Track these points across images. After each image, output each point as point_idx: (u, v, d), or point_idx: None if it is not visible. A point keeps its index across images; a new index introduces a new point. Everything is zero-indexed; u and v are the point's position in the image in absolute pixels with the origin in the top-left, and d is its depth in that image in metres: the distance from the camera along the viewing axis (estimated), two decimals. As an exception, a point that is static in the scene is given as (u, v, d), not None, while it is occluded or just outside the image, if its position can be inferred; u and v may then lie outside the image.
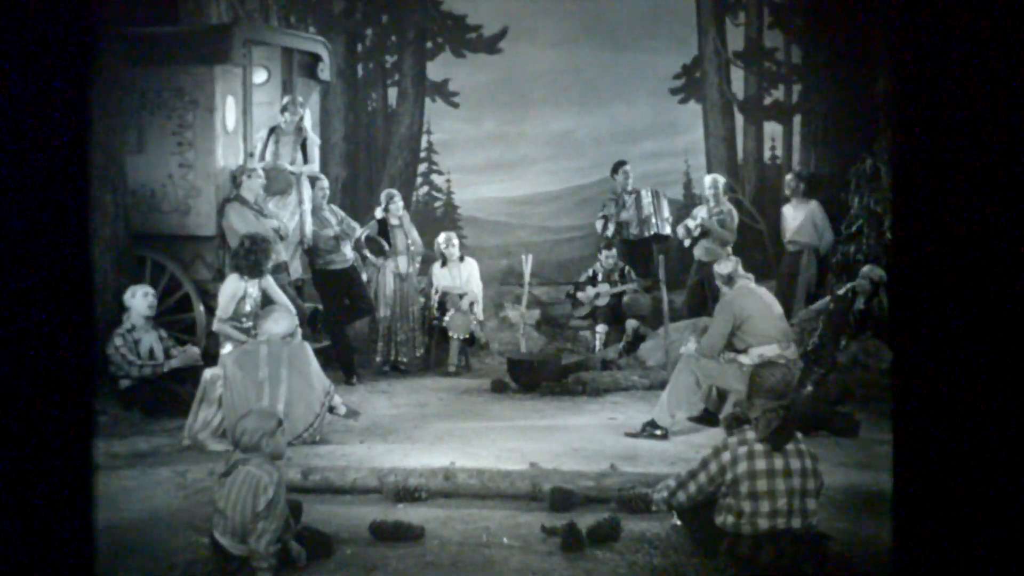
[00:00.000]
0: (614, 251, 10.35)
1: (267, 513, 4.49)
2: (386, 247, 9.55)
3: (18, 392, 2.40)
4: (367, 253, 9.60)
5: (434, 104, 13.04)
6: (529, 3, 12.60)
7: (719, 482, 4.64)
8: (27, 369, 2.41)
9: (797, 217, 10.42)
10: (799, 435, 4.76)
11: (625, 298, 10.24)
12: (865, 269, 8.92)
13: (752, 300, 7.15)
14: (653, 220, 10.49)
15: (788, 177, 10.77)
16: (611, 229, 10.60)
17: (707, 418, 7.31)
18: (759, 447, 4.60)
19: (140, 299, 7.77)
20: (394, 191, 9.98)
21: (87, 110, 2.45)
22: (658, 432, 7.13)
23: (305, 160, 9.31)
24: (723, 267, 7.29)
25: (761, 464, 4.57)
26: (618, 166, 10.80)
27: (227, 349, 7.36)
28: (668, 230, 10.55)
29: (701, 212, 10.40)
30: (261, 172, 8.72)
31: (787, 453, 4.61)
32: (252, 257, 7.54)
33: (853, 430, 7.13)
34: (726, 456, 4.63)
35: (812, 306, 9.48)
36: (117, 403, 7.63)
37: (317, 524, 5.13)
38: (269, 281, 7.74)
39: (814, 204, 10.40)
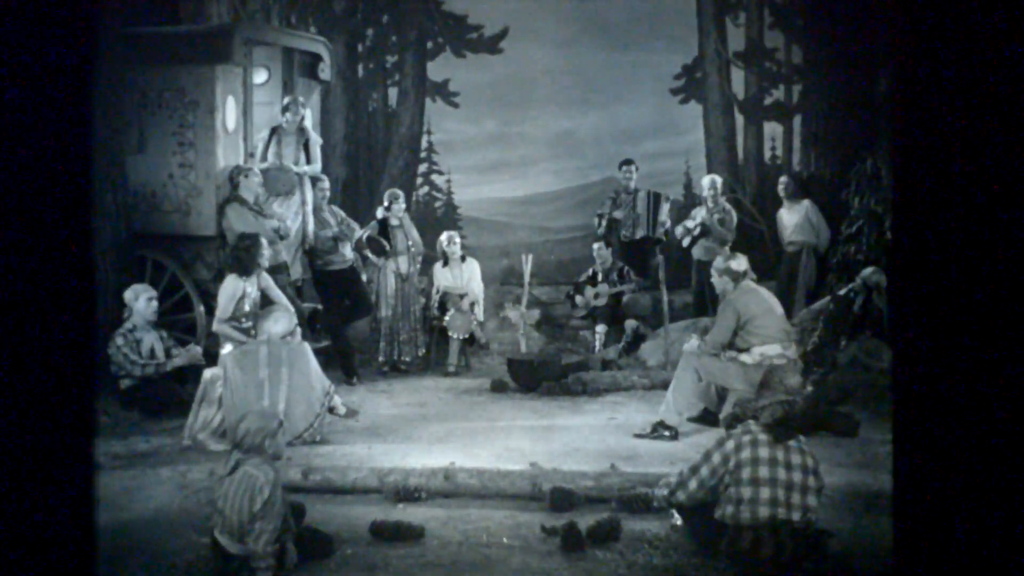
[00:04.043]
0: (603, 244, 10.35)
1: (264, 514, 4.49)
2: (387, 247, 9.55)
3: (19, 392, 2.41)
4: (368, 253, 9.60)
5: (435, 104, 13.04)
6: (530, 3, 12.60)
7: (721, 472, 4.68)
8: (28, 369, 2.41)
9: (793, 217, 10.48)
10: (801, 438, 4.80)
11: (625, 298, 10.24)
12: (866, 272, 8.91)
13: (755, 299, 7.16)
14: (645, 222, 10.48)
15: (782, 179, 10.79)
16: (603, 227, 10.60)
17: (707, 418, 7.31)
18: (762, 436, 4.70)
19: (143, 303, 7.77)
20: (398, 191, 9.97)
21: (88, 110, 2.45)
22: (667, 433, 7.13)
23: (308, 160, 9.31)
24: (738, 263, 7.26)
25: (764, 452, 4.64)
26: (622, 164, 10.79)
27: (227, 349, 7.36)
28: (660, 233, 10.52)
29: (700, 212, 10.40)
30: (257, 171, 8.72)
31: (789, 448, 4.69)
32: (236, 254, 7.56)
33: (853, 430, 7.13)
34: (730, 445, 4.71)
35: (812, 306, 9.48)
36: (118, 403, 7.64)
37: (318, 524, 5.14)
38: (268, 281, 7.74)
39: (807, 203, 10.47)
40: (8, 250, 2.39)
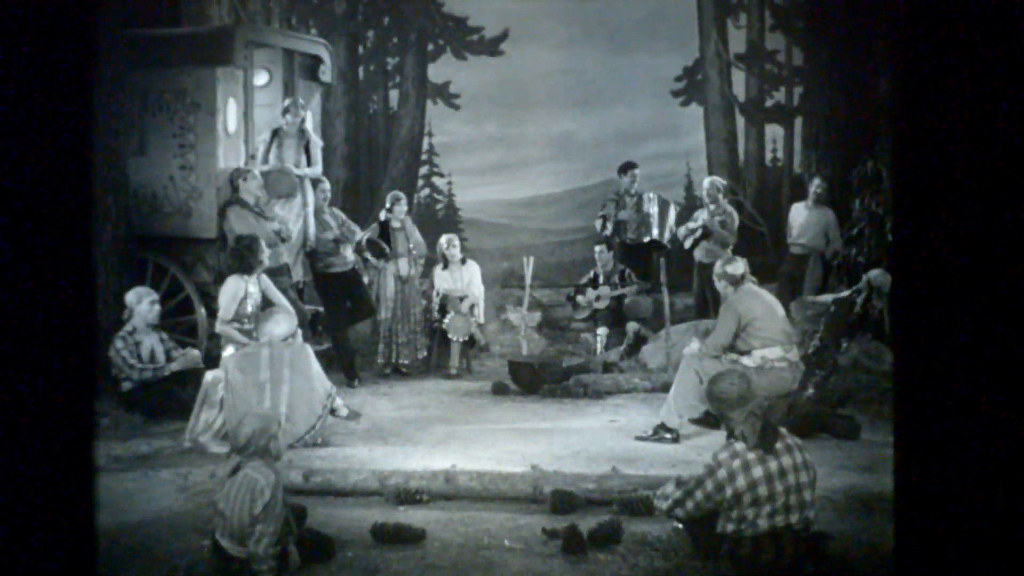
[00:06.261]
0: (604, 247, 10.33)
1: (264, 516, 4.48)
2: (387, 250, 9.54)
3: (20, 394, 2.40)
4: (368, 256, 9.60)
5: (435, 106, 13.05)
6: (530, 5, 12.61)
7: (717, 499, 4.63)
8: (29, 371, 2.41)
9: (810, 221, 10.32)
10: (783, 430, 4.76)
11: (626, 300, 10.23)
12: (872, 273, 8.89)
13: (757, 302, 7.15)
14: (653, 224, 10.42)
15: (816, 180, 10.58)
16: (609, 228, 10.55)
17: (708, 420, 7.30)
18: (751, 456, 4.60)
19: (146, 306, 7.77)
20: (400, 193, 9.97)
21: (89, 112, 2.45)
22: (668, 436, 7.13)
23: (309, 162, 9.30)
24: (735, 267, 7.25)
25: (758, 472, 4.57)
26: (627, 167, 10.67)
27: (229, 351, 7.36)
28: (667, 238, 10.48)
29: (702, 214, 10.37)
30: (258, 174, 8.71)
31: (778, 452, 4.62)
32: (236, 254, 7.56)
33: (854, 432, 7.13)
34: (721, 474, 4.61)
35: (816, 298, 9.45)
36: (119, 405, 7.63)
37: (318, 526, 5.13)
38: (267, 282, 7.72)
39: (830, 212, 10.30)
40: (9, 252, 2.39)
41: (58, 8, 2.41)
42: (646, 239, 10.42)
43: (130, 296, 7.79)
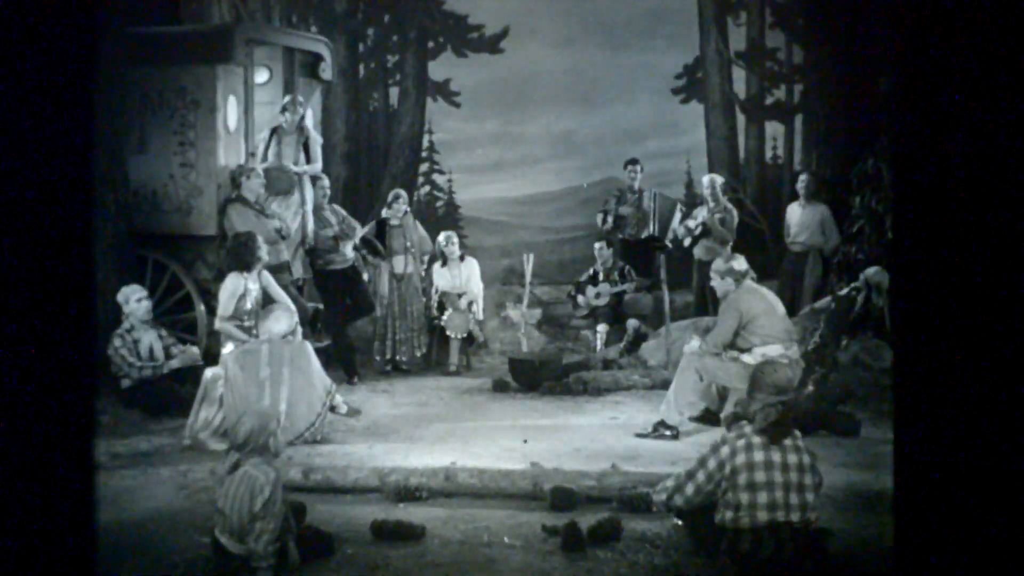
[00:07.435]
0: (604, 243, 10.34)
1: (264, 514, 4.49)
2: (380, 249, 9.53)
3: (20, 392, 2.41)
4: (365, 253, 9.60)
5: (435, 104, 13.04)
6: (531, 3, 12.60)
7: (717, 478, 4.65)
8: (28, 369, 2.41)
9: (805, 218, 10.33)
10: (797, 433, 4.78)
11: (626, 297, 10.24)
12: (869, 271, 8.89)
13: (757, 299, 7.16)
14: (651, 221, 10.44)
15: (802, 177, 10.60)
16: (609, 223, 10.58)
17: (708, 417, 7.31)
18: (757, 440, 4.65)
19: (135, 304, 7.76)
20: (401, 191, 9.96)
21: (90, 110, 2.45)
22: (668, 433, 7.13)
23: (308, 160, 9.30)
24: (740, 263, 7.25)
25: (759, 456, 4.60)
26: (627, 163, 10.78)
27: (228, 348, 7.36)
28: (668, 239, 10.47)
29: (701, 212, 10.38)
30: (260, 172, 8.72)
31: (785, 448, 4.65)
32: (234, 250, 7.55)
33: (854, 430, 7.13)
34: (725, 450, 4.67)
35: (815, 304, 9.47)
36: (118, 403, 7.64)
37: (318, 523, 5.13)
38: (268, 279, 7.72)
39: (824, 207, 10.30)
40: (8, 250, 2.39)
41: (58, 7, 2.41)
42: (644, 235, 10.45)
43: (119, 297, 7.78)
